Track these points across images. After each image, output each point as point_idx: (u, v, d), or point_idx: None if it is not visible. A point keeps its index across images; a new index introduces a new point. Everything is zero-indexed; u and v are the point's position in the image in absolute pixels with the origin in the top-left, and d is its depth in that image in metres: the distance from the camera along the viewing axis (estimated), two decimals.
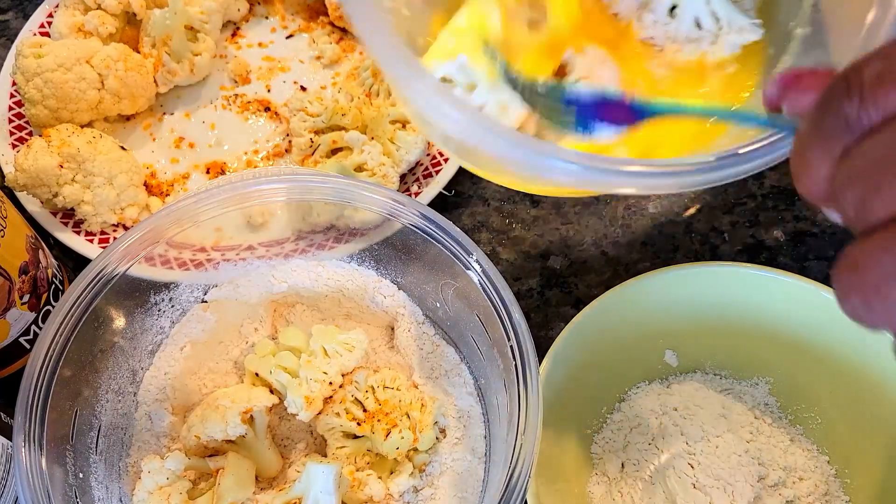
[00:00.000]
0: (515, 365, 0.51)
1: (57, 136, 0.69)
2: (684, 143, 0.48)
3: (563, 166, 0.39)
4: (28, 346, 0.61)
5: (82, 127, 0.73)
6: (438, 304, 0.61)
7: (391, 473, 0.57)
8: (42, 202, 0.71)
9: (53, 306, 0.62)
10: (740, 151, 0.40)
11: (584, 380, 0.60)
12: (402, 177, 0.74)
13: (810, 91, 0.34)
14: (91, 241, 0.70)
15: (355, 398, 0.58)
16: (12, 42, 0.83)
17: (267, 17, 0.87)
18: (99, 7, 0.79)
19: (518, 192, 0.76)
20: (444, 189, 0.73)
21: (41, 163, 0.67)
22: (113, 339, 0.58)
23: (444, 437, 0.59)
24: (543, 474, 0.55)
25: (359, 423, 0.57)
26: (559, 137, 0.45)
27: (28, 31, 0.82)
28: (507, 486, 0.48)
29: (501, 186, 0.76)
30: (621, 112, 0.42)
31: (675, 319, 0.62)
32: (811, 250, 0.73)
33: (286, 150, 0.78)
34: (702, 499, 0.57)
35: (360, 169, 0.70)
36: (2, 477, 0.54)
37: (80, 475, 0.54)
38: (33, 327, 0.61)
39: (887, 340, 0.56)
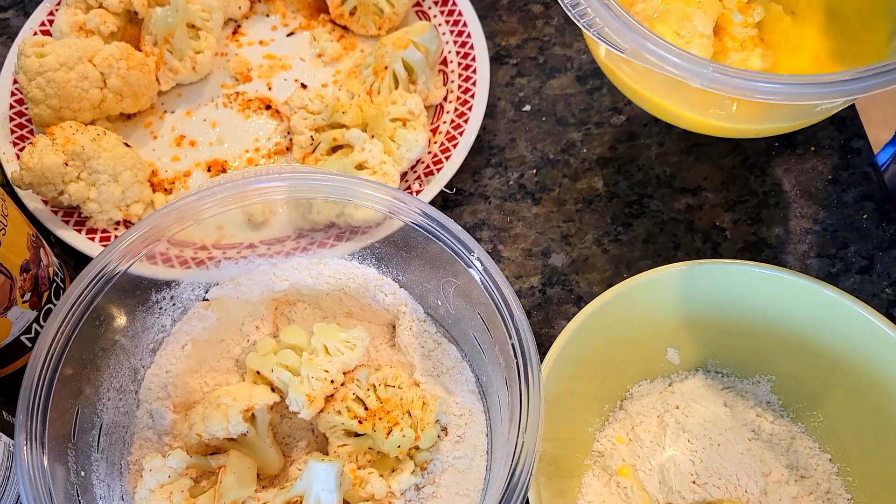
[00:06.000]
0: (517, 363, 0.51)
1: (61, 133, 0.69)
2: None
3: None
4: (29, 345, 0.61)
5: (85, 125, 0.73)
6: (440, 302, 0.61)
7: (393, 471, 0.57)
8: (47, 200, 0.71)
9: (55, 304, 0.62)
10: None
11: (585, 378, 0.60)
12: (403, 175, 0.74)
13: None
14: (92, 239, 0.71)
15: (357, 396, 0.58)
16: (13, 40, 0.83)
17: (268, 15, 0.87)
18: (100, 5, 0.79)
19: (519, 191, 0.76)
20: (446, 187, 0.73)
21: (46, 161, 0.67)
22: (114, 337, 0.58)
23: (446, 435, 0.59)
24: (545, 472, 0.55)
25: (360, 422, 0.57)
26: None
27: (29, 30, 0.82)
28: (508, 483, 0.48)
29: (503, 185, 0.76)
30: None
31: (677, 317, 0.62)
32: (813, 248, 0.72)
33: (287, 148, 0.78)
34: (704, 497, 0.57)
35: (360, 167, 0.70)
36: (4, 475, 0.54)
37: (82, 473, 0.54)
38: (34, 325, 0.61)
39: (889, 338, 0.56)
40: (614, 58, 0.59)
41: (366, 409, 0.57)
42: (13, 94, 0.78)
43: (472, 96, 0.77)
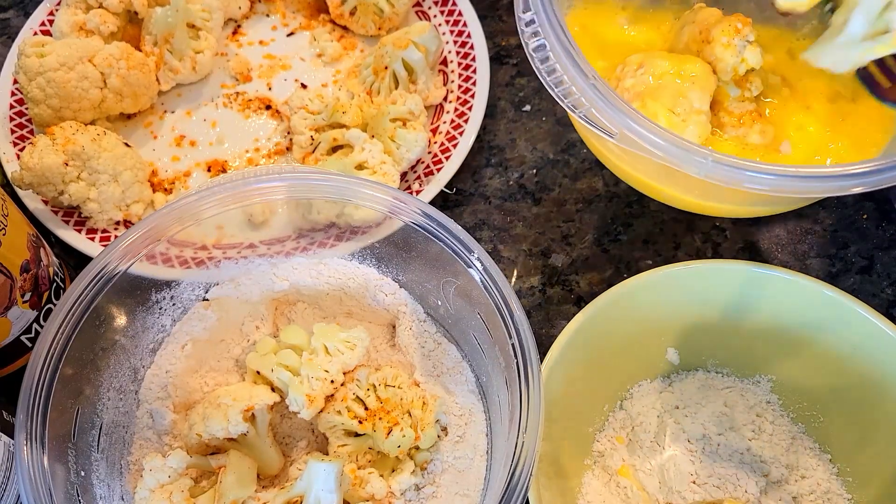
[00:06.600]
0: (517, 363, 0.51)
1: (61, 133, 0.69)
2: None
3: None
4: (29, 345, 0.61)
5: (85, 125, 0.73)
6: (440, 302, 0.61)
7: (393, 471, 0.57)
8: (47, 200, 0.71)
9: (55, 304, 0.62)
10: None
11: (585, 378, 0.60)
12: (403, 175, 0.74)
13: None
14: (92, 238, 0.71)
15: (357, 396, 0.58)
16: (13, 40, 0.83)
17: (268, 15, 0.87)
18: (100, 5, 0.79)
19: (519, 191, 0.76)
20: (446, 187, 0.73)
21: (46, 161, 0.67)
22: (114, 337, 0.58)
23: (446, 435, 0.59)
24: (545, 472, 0.55)
25: (360, 422, 0.57)
26: None
27: (29, 30, 0.82)
28: (508, 483, 0.48)
29: (503, 185, 0.76)
30: None
31: (677, 317, 0.62)
32: (812, 248, 0.72)
33: (287, 148, 0.78)
34: (704, 497, 0.57)
35: (360, 167, 0.70)
36: (4, 475, 0.54)
37: (82, 473, 0.54)
38: (35, 325, 0.61)
39: (889, 338, 0.56)
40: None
41: (366, 409, 0.57)
42: (13, 94, 0.78)
43: (472, 96, 0.77)
